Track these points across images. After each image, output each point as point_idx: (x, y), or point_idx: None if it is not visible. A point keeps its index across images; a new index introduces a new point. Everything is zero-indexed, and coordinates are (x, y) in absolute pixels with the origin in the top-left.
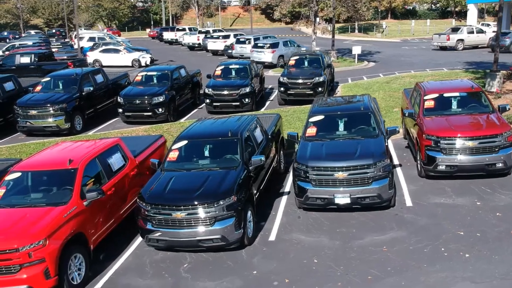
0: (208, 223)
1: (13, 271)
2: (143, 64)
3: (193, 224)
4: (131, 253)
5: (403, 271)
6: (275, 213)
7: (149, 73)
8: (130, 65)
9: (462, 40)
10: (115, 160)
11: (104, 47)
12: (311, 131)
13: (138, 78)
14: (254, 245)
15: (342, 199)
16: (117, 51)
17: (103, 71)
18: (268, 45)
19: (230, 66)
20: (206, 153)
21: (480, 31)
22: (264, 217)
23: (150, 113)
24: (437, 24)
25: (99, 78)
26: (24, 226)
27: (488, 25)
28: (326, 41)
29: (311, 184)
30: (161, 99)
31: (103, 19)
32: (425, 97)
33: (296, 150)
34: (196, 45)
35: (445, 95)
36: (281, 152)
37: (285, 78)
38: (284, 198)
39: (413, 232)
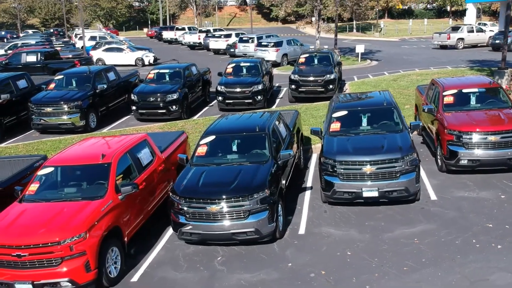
0: (242, 216)
1: (54, 264)
2: (146, 63)
3: (227, 217)
4: (162, 247)
5: (437, 262)
6: (300, 207)
7: (161, 71)
8: (134, 64)
9: (462, 39)
10: (144, 155)
11: (107, 46)
12: (335, 126)
13: (151, 76)
14: (285, 239)
15: (370, 193)
16: (120, 50)
17: (115, 69)
18: (272, 43)
19: (241, 64)
20: (234, 148)
21: (480, 30)
22: (290, 211)
23: (164, 111)
24: (434, 23)
25: (111, 76)
26: (64, 219)
27: (485, 24)
28: (327, 40)
29: (339, 178)
30: (174, 96)
31: (100, 19)
32: (444, 93)
33: (321, 145)
34: (197, 44)
35: (464, 90)
36: (301, 147)
37: (296, 76)
38: (307, 193)
39: (442, 224)
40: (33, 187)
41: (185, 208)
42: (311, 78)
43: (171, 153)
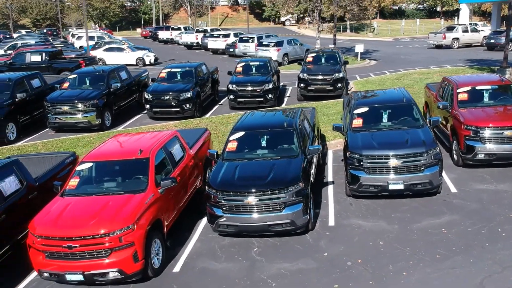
0: (278, 208)
1: (104, 254)
2: (147, 62)
3: (263, 209)
4: (197, 239)
5: (468, 250)
6: (326, 201)
7: (173, 70)
8: (134, 63)
9: (457, 38)
10: (176, 151)
11: (107, 46)
12: (357, 122)
13: (163, 75)
14: (316, 230)
15: (395, 186)
16: (120, 49)
17: (126, 68)
18: (273, 43)
19: (251, 63)
20: (263, 144)
21: (474, 30)
22: (317, 204)
23: (178, 109)
24: (426, 23)
25: (123, 75)
26: (112, 211)
27: (476, 24)
28: (324, 40)
29: (365, 172)
30: (188, 95)
31: (93, 19)
32: (458, 90)
33: (345, 140)
34: (195, 44)
35: (477, 88)
36: (322, 143)
37: (305, 75)
38: (330, 188)
39: (465, 215)
40: (74, 182)
41: (222, 201)
42: (320, 77)
43: (198, 149)
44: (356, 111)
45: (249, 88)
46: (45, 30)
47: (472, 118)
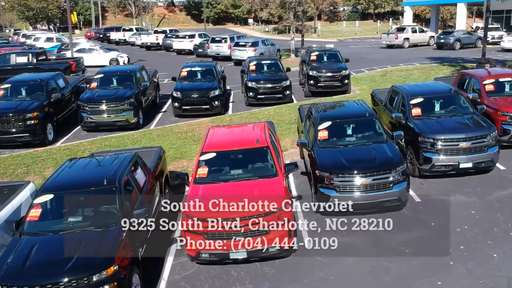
0: (388, 186)
1: (264, 232)
2: (121, 63)
3: (375, 188)
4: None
5: None
6: None
7: (193, 69)
8: (108, 64)
9: (408, 38)
10: (275, 141)
11: (78, 47)
12: (416, 111)
13: (184, 74)
14: (408, 206)
15: (466, 164)
16: (92, 50)
17: (145, 68)
18: (250, 43)
19: (262, 62)
20: (349, 131)
21: (422, 31)
22: None
23: (207, 106)
24: (362, 25)
25: (144, 74)
26: (266, 193)
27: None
28: (277, 42)
29: (438, 154)
30: (217, 92)
31: (29, 20)
32: (484, 82)
33: (414, 126)
34: (154, 45)
35: (501, 80)
36: None
37: (314, 72)
38: None
39: None
40: (202, 171)
41: (338, 182)
42: (329, 74)
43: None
44: (412, 102)
45: (269, 85)
46: None
47: (507, 105)
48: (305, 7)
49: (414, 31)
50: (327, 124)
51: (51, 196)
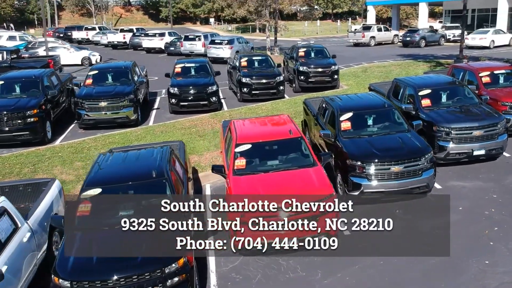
0: (417, 174)
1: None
2: (93, 62)
3: (406, 175)
4: None
5: None
6: None
7: (187, 65)
8: (80, 63)
9: (374, 37)
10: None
11: (49, 46)
12: (425, 102)
13: (178, 70)
14: (431, 193)
15: (479, 152)
16: (62, 49)
17: (137, 64)
18: (226, 41)
19: (254, 58)
20: (370, 122)
21: (386, 29)
22: None
23: (205, 102)
24: (322, 25)
25: (137, 70)
26: (312, 182)
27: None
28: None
29: (452, 142)
30: (214, 88)
31: None
32: (481, 74)
33: (426, 118)
34: (121, 44)
35: (495, 72)
36: None
37: (305, 67)
38: None
39: None
40: (240, 162)
41: (369, 171)
42: (320, 69)
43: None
44: (421, 93)
45: (264, 81)
46: None
47: (504, 95)
48: (280, 7)
49: (379, 30)
50: (349, 115)
51: (99, 190)
